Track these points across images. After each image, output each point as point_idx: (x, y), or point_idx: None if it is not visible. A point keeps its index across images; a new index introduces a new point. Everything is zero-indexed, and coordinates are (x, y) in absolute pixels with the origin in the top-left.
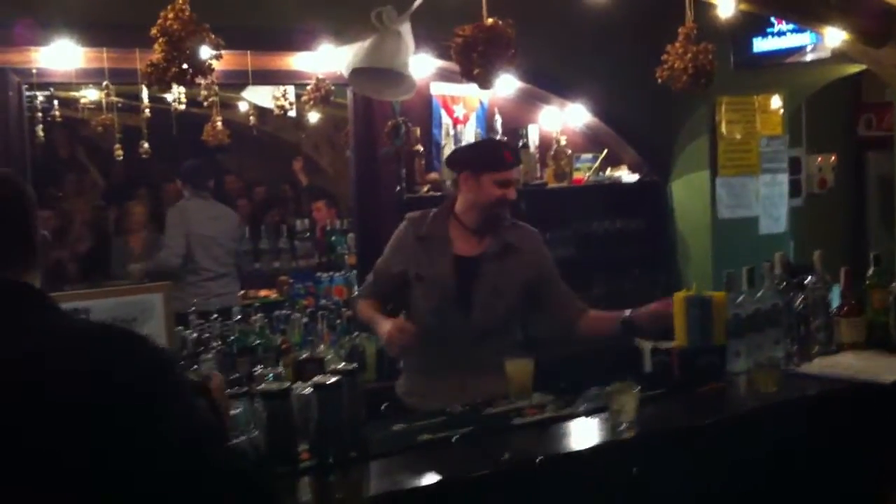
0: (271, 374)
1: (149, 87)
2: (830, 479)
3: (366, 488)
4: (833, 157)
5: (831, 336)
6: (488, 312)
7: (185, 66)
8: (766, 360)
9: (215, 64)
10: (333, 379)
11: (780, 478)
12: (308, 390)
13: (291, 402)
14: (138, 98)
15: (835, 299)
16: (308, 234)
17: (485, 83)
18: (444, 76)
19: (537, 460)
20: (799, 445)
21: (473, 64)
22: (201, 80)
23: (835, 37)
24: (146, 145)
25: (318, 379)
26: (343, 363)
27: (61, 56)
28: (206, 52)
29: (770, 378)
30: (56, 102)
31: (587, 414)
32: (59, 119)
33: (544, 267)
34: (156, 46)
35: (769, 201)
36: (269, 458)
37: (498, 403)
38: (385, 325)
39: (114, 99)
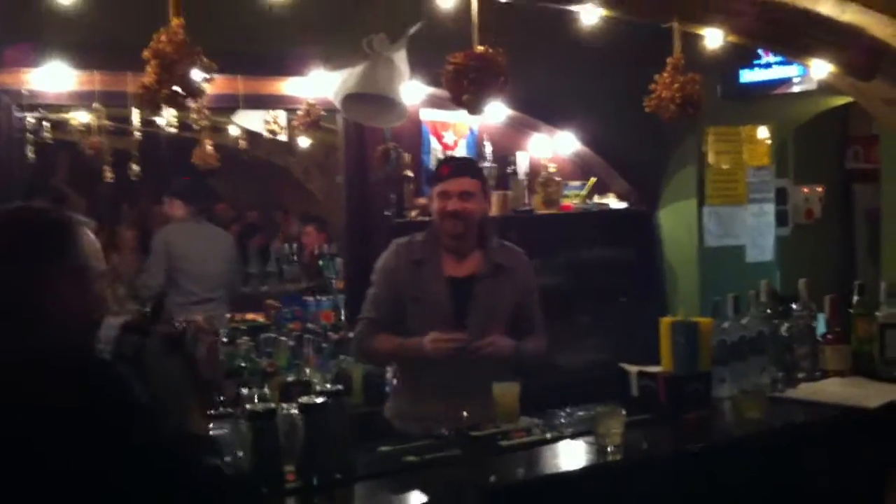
0: (256, 396)
1: (139, 108)
2: None
3: None
4: (820, 189)
5: (816, 363)
6: (482, 334)
7: (176, 88)
8: (751, 387)
9: (206, 88)
10: (319, 400)
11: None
12: (294, 411)
13: (277, 423)
14: (128, 121)
15: (820, 327)
16: (296, 258)
17: (475, 110)
18: (435, 103)
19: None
20: (785, 471)
21: (464, 90)
22: (192, 104)
23: (821, 69)
24: (136, 168)
25: (304, 400)
26: (336, 385)
27: (53, 78)
28: (197, 75)
29: (755, 404)
30: (47, 124)
31: (573, 437)
32: (49, 141)
33: (532, 289)
34: (148, 69)
35: (756, 231)
36: (254, 479)
37: (484, 426)
38: (420, 343)
39: (104, 122)
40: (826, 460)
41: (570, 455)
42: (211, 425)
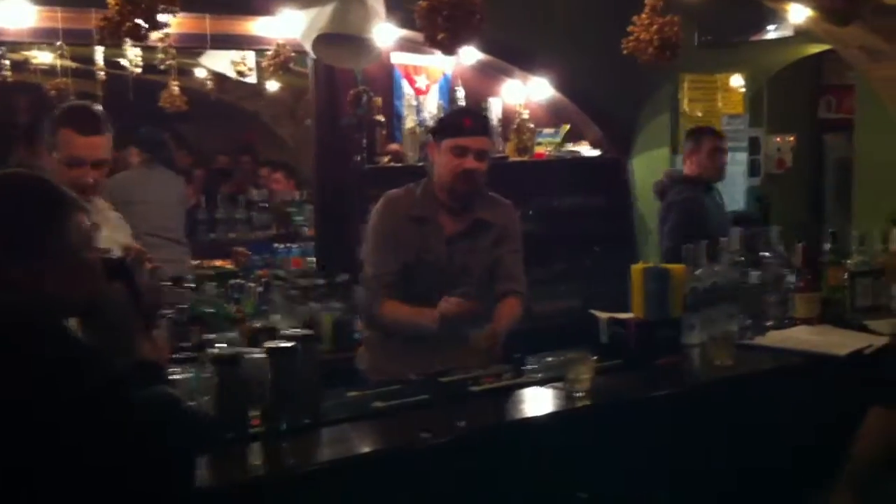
0: (222, 340)
1: (101, 42)
2: (784, 451)
3: (318, 455)
4: (792, 139)
5: (786, 311)
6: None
7: (139, 21)
8: (721, 334)
9: (173, 27)
10: (287, 344)
11: (734, 449)
12: (260, 355)
13: (243, 367)
14: (93, 62)
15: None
16: (265, 204)
17: (449, 50)
18: (407, 46)
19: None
20: (753, 417)
21: (438, 29)
22: (158, 43)
23: (799, 13)
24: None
25: (271, 344)
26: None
27: (14, 13)
28: (161, 7)
29: (725, 351)
30: (6, 62)
31: (543, 383)
32: (10, 80)
33: (516, 244)
34: (110, 1)
35: (729, 179)
36: (218, 423)
37: (454, 372)
38: (433, 316)
39: (68, 63)
40: (794, 407)
41: (540, 400)
42: (172, 368)
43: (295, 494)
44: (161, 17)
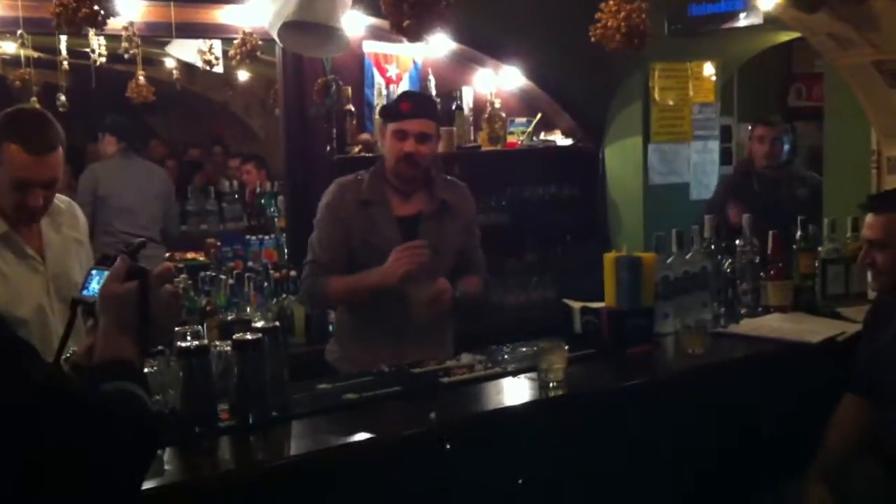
0: (189, 333)
1: (59, 29)
2: (758, 439)
3: (287, 448)
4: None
5: (759, 299)
6: (430, 275)
7: (96, 7)
8: (694, 322)
9: (137, 15)
10: (253, 336)
11: (707, 438)
12: (228, 348)
13: (210, 360)
14: (56, 51)
15: None
16: (236, 196)
17: (415, 36)
18: (377, 34)
19: (431, 416)
20: (726, 406)
21: (404, 16)
22: (122, 31)
23: (768, 0)
24: (63, 98)
25: (238, 336)
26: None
27: None
28: None
29: (697, 339)
30: None
31: (516, 373)
32: None
33: (474, 228)
34: None
35: (700, 168)
36: (186, 418)
37: (426, 363)
38: (378, 272)
39: (31, 53)
40: (767, 395)
41: (512, 391)
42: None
43: (264, 488)
44: (117, 4)
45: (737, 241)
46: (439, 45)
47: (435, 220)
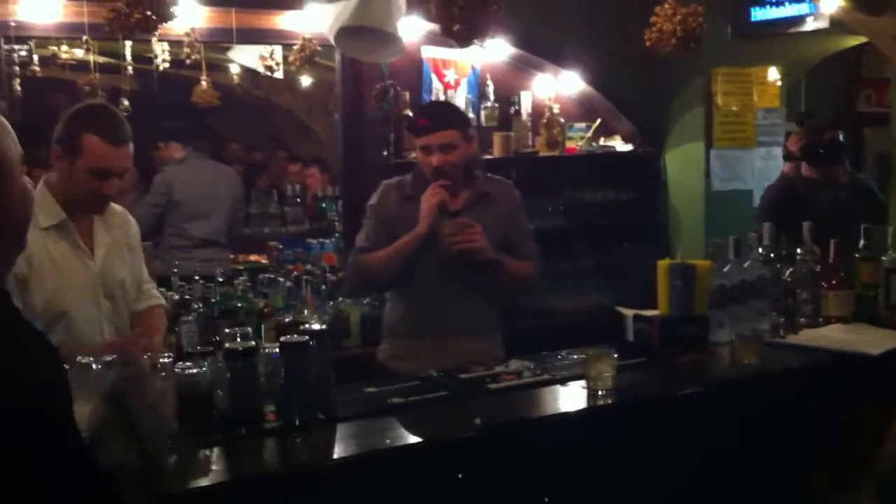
0: (239, 334)
1: (111, 34)
2: (810, 452)
3: (331, 451)
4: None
5: (818, 309)
6: (467, 264)
7: (148, 12)
8: (750, 332)
9: (199, 21)
10: (300, 339)
11: (758, 449)
12: (275, 350)
13: (255, 362)
14: (120, 56)
15: None
16: (299, 199)
17: (465, 41)
18: (435, 40)
19: (476, 421)
20: (778, 417)
21: (454, 20)
22: (184, 37)
23: (831, 3)
24: (126, 103)
25: (284, 339)
26: (321, 326)
27: (40, 8)
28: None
29: (751, 349)
30: (36, 58)
31: (564, 381)
32: (38, 75)
33: (520, 221)
34: None
35: (764, 175)
36: (232, 418)
37: (474, 369)
38: (415, 232)
39: (96, 58)
40: (824, 407)
41: (559, 398)
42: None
43: (307, 490)
44: (175, 9)
45: (797, 250)
46: (498, 50)
47: (474, 208)
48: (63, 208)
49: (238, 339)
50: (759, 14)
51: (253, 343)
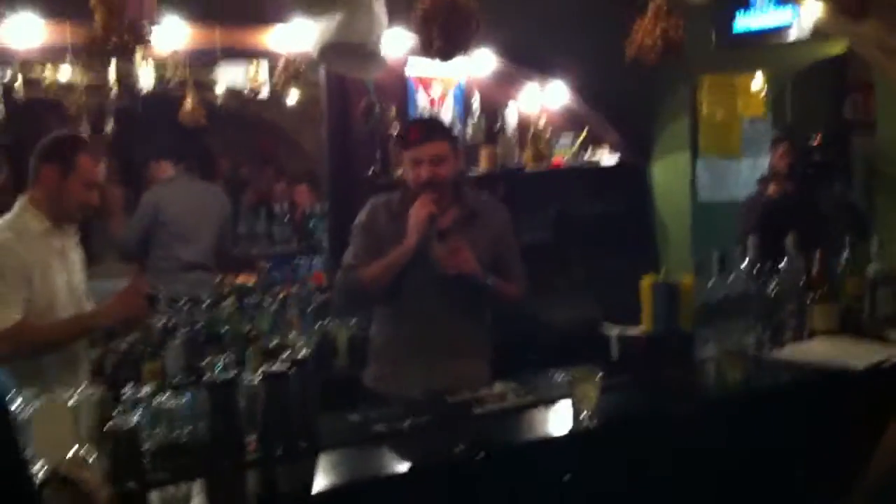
0: (220, 364)
1: (89, 60)
2: (799, 466)
3: (313, 481)
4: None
5: (804, 322)
6: (455, 285)
7: (126, 36)
8: (734, 347)
9: (183, 40)
10: (281, 369)
11: (746, 465)
12: (256, 380)
13: (236, 392)
14: (105, 78)
15: None
16: (287, 217)
17: (445, 57)
18: (421, 54)
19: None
20: (767, 432)
21: (433, 37)
22: (168, 59)
23: (811, 11)
24: (111, 123)
25: (265, 369)
26: (306, 350)
27: (22, 30)
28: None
29: (737, 365)
30: (20, 80)
31: (548, 402)
32: (22, 100)
33: (509, 241)
34: (96, 17)
35: (750, 184)
36: (213, 450)
37: (459, 392)
38: (404, 244)
39: (82, 79)
40: (810, 421)
41: (545, 421)
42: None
43: None
44: (145, 26)
45: (780, 264)
46: (483, 63)
47: (462, 229)
48: (47, 218)
49: (221, 367)
50: (742, 22)
51: (233, 374)
